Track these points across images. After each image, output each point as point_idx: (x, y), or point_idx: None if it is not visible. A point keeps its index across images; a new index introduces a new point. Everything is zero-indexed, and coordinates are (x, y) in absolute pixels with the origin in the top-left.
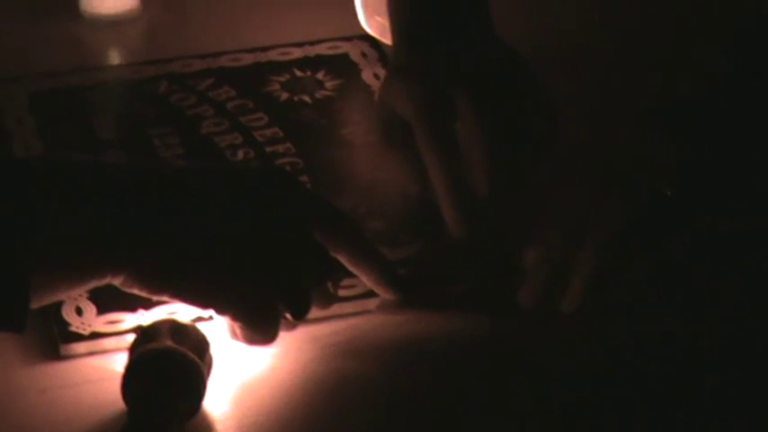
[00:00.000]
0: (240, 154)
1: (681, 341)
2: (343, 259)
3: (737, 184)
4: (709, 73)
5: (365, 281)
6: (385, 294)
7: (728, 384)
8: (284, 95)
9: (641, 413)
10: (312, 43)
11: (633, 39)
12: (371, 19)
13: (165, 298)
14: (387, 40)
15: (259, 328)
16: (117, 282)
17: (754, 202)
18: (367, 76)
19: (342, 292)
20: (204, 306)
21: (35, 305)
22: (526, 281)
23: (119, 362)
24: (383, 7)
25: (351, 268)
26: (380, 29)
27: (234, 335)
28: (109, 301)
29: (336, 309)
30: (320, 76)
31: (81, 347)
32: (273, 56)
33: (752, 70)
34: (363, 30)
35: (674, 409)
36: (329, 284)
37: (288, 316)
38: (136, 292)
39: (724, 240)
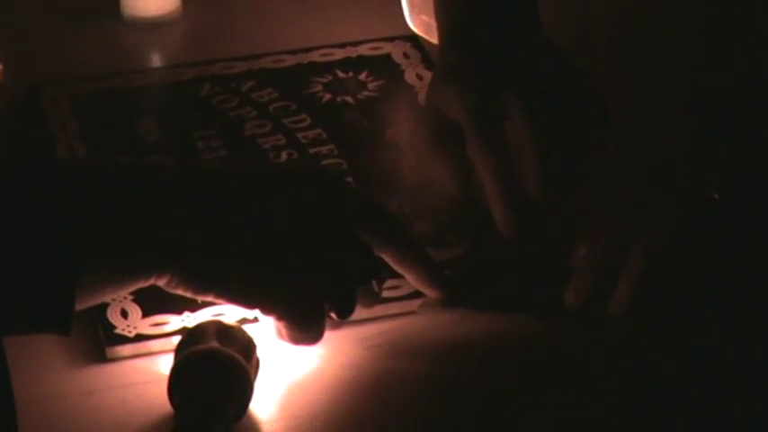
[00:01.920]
0: (283, 155)
1: (732, 349)
2: (388, 258)
3: None
4: (760, 74)
5: (410, 279)
6: (430, 293)
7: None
8: (327, 97)
9: (684, 419)
10: (354, 44)
11: (685, 39)
12: (417, 18)
13: (209, 298)
14: (432, 38)
15: (305, 328)
16: (161, 282)
17: None
18: (410, 76)
19: (387, 293)
20: (249, 306)
21: (80, 307)
22: (572, 282)
23: (164, 364)
24: (429, 6)
25: (396, 267)
26: (426, 28)
27: (280, 334)
28: (154, 304)
29: (382, 310)
30: (363, 77)
31: (126, 350)
32: (315, 57)
33: None
34: (406, 30)
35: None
36: (374, 284)
37: (333, 315)
38: (180, 292)
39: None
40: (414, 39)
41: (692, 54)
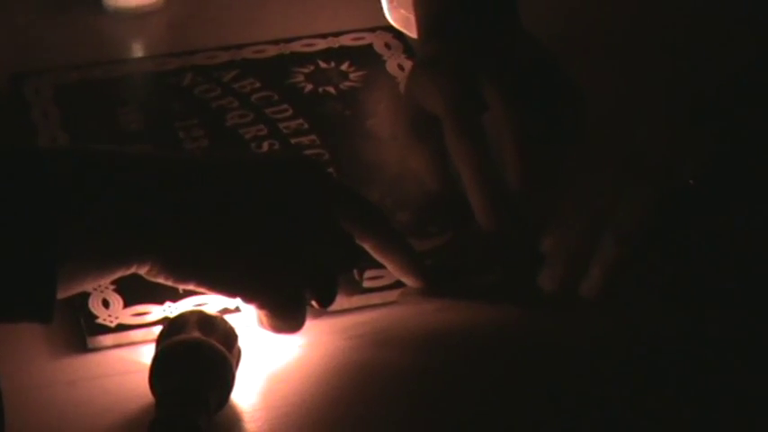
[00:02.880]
0: (265, 146)
1: (701, 336)
2: (368, 247)
3: (762, 178)
4: (737, 64)
5: (390, 268)
6: (410, 282)
7: (744, 383)
8: (308, 87)
9: (661, 407)
10: (336, 34)
11: (663, 29)
12: (396, 11)
13: (190, 287)
14: (411, 32)
15: (286, 316)
16: (143, 271)
17: None
18: (391, 67)
19: (369, 284)
20: (231, 294)
21: (62, 295)
22: (546, 266)
23: (146, 354)
24: (408, 1)
25: (376, 256)
26: (405, 21)
27: (261, 323)
28: (136, 294)
29: (363, 300)
30: (344, 67)
31: (108, 340)
32: (297, 47)
33: None
34: (387, 21)
35: (693, 406)
36: (355, 272)
37: (314, 303)
38: (161, 281)
39: (743, 234)
40: (396, 29)
41: (671, 42)
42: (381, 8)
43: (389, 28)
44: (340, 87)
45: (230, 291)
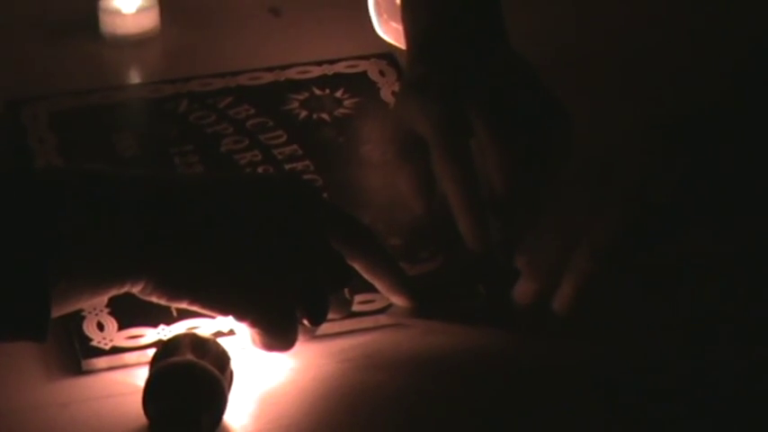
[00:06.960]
0: (260, 171)
1: (677, 351)
2: (358, 267)
3: (736, 197)
4: (712, 86)
5: (379, 288)
6: (399, 301)
7: (727, 392)
8: (303, 114)
9: (649, 423)
10: (331, 62)
11: (639, 50)
12: (387, 25)
13: (183, 305)
14: (403, 45)
15: (277, 334)
16: (136, 289)
17: (753, 215)
18: (385, 94)
19: (360, 307)
20: (223, 313)
21: (57, 314)
22: (520, 281)
23: (140, 376)
24: (398, 14)
25: (366, 276)
26: (396, 35)
27: (253, 342)
28: (130, 317)
29: (355, 323)
30: (339, 94)
31: (102, 362)
32: (292, 74)
33: (757, 84)
34: (382, 48)
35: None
36: (345, 291)
37: (305, 322)
38: (154, 299)
39: (715, 251)
40: (390, 57)
41: (649, 67)
42: (376, 36)
43: (384, 55)
44: (334, 114)
45: (223, 309)
